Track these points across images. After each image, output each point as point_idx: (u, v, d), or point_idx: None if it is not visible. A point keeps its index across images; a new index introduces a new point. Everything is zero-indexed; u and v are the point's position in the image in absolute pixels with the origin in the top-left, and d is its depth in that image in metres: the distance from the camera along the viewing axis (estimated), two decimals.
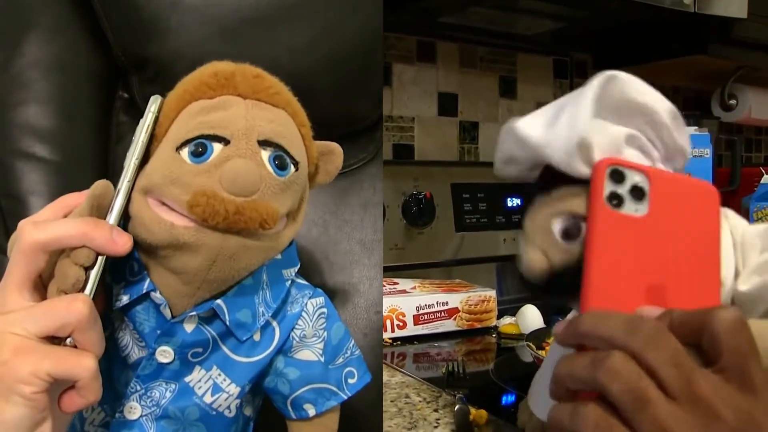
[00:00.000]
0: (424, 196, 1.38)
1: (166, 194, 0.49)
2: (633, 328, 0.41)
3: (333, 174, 0.61)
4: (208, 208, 0.47)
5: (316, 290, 0.61)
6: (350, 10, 0.74)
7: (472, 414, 0.77)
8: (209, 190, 0.48)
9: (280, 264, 0.58)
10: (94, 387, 0.48)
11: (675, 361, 0.40)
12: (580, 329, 0.43)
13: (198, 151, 0.50)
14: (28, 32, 0.75)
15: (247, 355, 0.56)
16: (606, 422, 0.40)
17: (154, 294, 0.52)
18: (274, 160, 0.52)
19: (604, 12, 1.31)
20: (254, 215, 0.48)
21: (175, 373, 0.55)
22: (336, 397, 0.60)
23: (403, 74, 1.51)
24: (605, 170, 0.45)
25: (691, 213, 0.48)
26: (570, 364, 0.43)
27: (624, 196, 0.46)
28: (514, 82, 1.67)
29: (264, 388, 0.59)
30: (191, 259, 0.50)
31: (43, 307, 0.47)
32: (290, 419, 0.60)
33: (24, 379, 0.45)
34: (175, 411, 0.56)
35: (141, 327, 0.54)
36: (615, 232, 0.45)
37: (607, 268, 0.44)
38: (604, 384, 0.40)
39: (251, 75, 0.55)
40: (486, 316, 1.24)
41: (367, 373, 0.62)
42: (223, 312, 0.54)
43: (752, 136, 2.25)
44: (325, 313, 0.60)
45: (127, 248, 0.50)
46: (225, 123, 0.51)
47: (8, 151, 0.74)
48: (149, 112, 0.51)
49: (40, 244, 0.48)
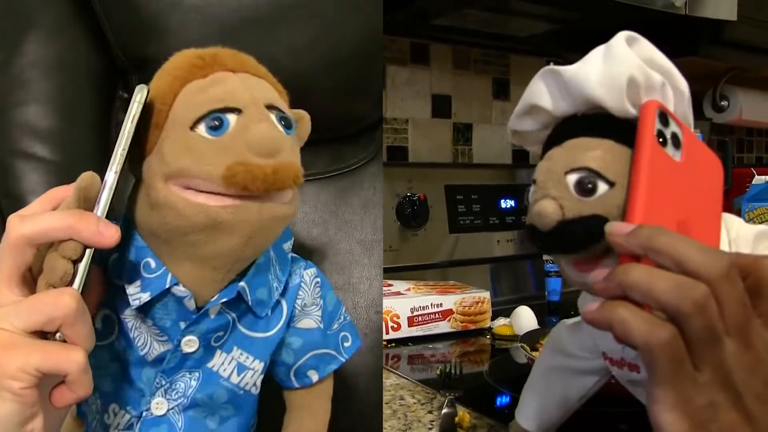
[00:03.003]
0: (418, 198, 1.38)
1: (197, 174, 0.49)
2: (712, 258, 0.40)
3: (304, 139, 0.60)
4: (248, 175, 0.47)
5: (307, 262, 0.63)
6: (350, 10, 0.74)
7: (458, 416, 0.77)
8: (241, 158, 0.48)
9: (281, 239, 0.60)
10: (83, 381, 0.47)
11: (743, 301, 0.40)
12: (655, 239, 0.41)
13: (215, 125, 0.49)
14: (28, 32, 0.75)
15: (263, 331, 0.58)
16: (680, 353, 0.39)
17: (176, 288, 0.52)
18: (281, 121, 0.53)
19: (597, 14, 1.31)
20: (288, 173, 0.49)
21: (198, 361, 0.56)
22: (336, 361, 0.63)
23: (397, 76, 1.51)
24: (656, 110, 0.45)
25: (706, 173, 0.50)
26: (650, 278, 0.40)
27: (667, 139, 0.45)
28: (507, 84, 1.68)
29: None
30: (227, 240, 0.50)
31: (30, 302, 0.47)
32: (291, 389, 0.62)
33: (12, 375, 0.44)
34: (204, 398, 0.56)
35: (161, 322, 0.54)
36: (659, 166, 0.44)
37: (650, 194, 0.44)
38: (687, 314, 0.38)
39: (231, 53, 0.56)
40: (480, 318, 1.24)
41: (359, 338, 0.65)
42: (246, 293, 0.55)
43: (743, 137, 2.26)
44: (319, 282, 0.62)
45: (115, 240, 0.49)
46: (230, 95, 0.51)
47: (8, 151, 0.74)
48: (135, 102, 0.51)
49: (26, 237, 0.47)
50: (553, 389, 0.67)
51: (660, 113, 0.45)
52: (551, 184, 0.48)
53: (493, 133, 1.67)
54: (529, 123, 0.54)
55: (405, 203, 1.37)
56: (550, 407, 0.67)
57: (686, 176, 0.47)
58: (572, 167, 0.47)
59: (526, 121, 0.54)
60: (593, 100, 0.47)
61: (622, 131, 0.46)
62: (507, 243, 1.52)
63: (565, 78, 0.49)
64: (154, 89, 0.53)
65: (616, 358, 0.58)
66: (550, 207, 0.46)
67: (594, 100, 0.47)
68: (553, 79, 0.50)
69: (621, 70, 0.46)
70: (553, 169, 0.48)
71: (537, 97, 0.51)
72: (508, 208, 1.53)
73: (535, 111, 0.52)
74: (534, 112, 0.53)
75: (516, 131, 0.56)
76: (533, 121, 0.53)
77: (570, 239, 0.46)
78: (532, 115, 0.53)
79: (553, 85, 0.51)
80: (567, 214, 0.46)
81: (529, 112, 0.53)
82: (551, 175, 0.48)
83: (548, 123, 0.52)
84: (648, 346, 0.39)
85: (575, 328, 0.65)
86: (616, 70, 0.47)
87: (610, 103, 0.47)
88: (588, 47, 0.51)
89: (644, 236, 0.41)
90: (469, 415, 0.78)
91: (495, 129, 1.67)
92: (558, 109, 0.51)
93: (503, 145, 1.68)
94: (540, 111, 0.52)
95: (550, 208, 0.46)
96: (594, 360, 0.62)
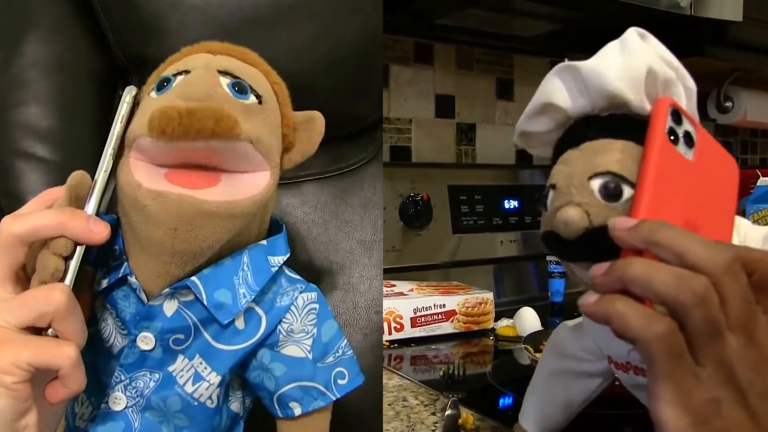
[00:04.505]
0: (422, 198, 1.38)
1: (136, 132, 0.50)
2: (714, 252, 0.39)
3: (316, 142, 0.59)
4: (163, 118, 0.46)
5: (309, 285, 0.59)
6: (350, 10, 0.74)
7: (462, 418, 0.77)
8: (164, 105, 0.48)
9: (265, 249, 0.57)
10: (76, 376, 0.48)
11: (746, 296, 0.39)
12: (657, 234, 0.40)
13: (162, 85, 0.51)
14: (28, 32, 0.75)
15: (229, 343, 0.55)
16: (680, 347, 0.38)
17: (130, 278, 0.53)
18: (234, 86, 0.52)
19: (601, 13, 1.31)
20: (208, 113, 0.47)
21: (159, 362, 0.55)
22: (323, 398, 0.58)
23: (400, 76, 1.51)
24: (668, 107, 0.44)
25: (720, 173, 0.49)
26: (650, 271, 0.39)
27: (679, 137, 0.45)
28: (510, 84, 1.67)
29: (251, 384, 0.58)
30: (154, 228, 0.49)
31: (22, 298, 0.48)
32: (279, 418, 0.59)
33: (4, 369, 0.45)
34: (158, 401, 0.55)
35: (123, 314, 0.54)
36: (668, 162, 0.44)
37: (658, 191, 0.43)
38: (686, 306, 0.38)
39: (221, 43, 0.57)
40: (483, 319, 1.23)
41: (360, 375, 0.60)
42: (198, 290, 0.52)
43: (748, 138, 2.25)
44: (316, 309, 0.58)
45: (104, 237, 0.50)
46: (188, 63, 0.52)
47: (8, 151, 0.74)
48: (124, 102, 0.52)
49: (17, 236, 0.48)
50: (556, 392, 0.66)
51: (673, 111, 0.45)
52: (574, 190, 0.46)
53: (497, 134, 1.66)
54: (542, 123, 0.52)
55: (408, 203, 1.37)
56: (553, 410, 0.67)
57: (698, 176, 0.46)
58: (595, 172, 0.46)
59: (538, 122, 0.52)
60: (614, 93, 0.46)
61: (640, 131, 0.45)
62: (510, 244, 1.52)
63: (583, 73, 0.48)
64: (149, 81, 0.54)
65: (621, 362, 0.57)
66: (577, 215, 0.45)
67: (614, 93, 0.46)
68: (570, 75, 0.49)
69: (639, 63, 0.46)
70: (574, 174, 0.46)
71: (552, 95, 0.50)
72: (511, 209, 1.53)
73: (550, 110, 0.51)
74: (548, 111, 0.51)
75: (524, 132, 0.54)
76: (546, 122, 0.52)
77: (599, 247, 0.44)
78: (546, 114, 0.51)
79: (570, 82, 0.49)
80: (594, 221, 0.45)
81: (543, 111, 0.51)
82: (573, 180, 0.46)
83: (562, 123, 0.51)
84: (645, 340, 0.38)
85: (577, 329, 0.65)
86: (635, 63, 0.46)
87: (630, 96, 0.46)
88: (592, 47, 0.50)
89: (646, 230, 0.41)
90: (473, 416, 0.77)
91: (498, 129, 1.67)
92: (575, 106, 0.49)
93: (507, 145, 1.67)
94: (555, 110, 0.50)
95: (576, 216, 0.45)
96: (596, 362, 0.62)
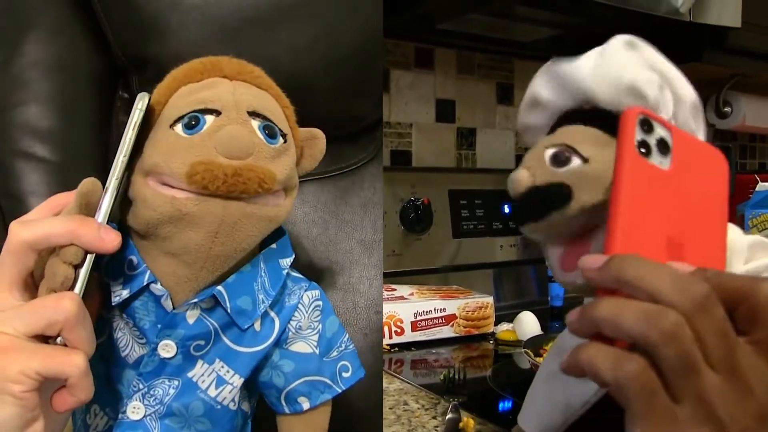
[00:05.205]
0: (422, 203, 1.38)
1: (164, 170, 0.50)
2: (685, 289, 0.38)
3: (317, 158, 0.62)
4: (207, 174, 0.48)
5: (311, 283, 0.62)
6: (350, 10, 0.74)
7: (462, 422, 0.77)
8: (205, 158, 0.48)
9: (276, 253, 0.59)
10: (84, 385, 0.47)
11: (722, 331, 0.38)
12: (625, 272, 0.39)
13: (191, 123, 0.50)
14: (28, 32, 0.75)
15: (248, 346, 0.56)
16: (652, 385, 0.37)
17: (154, 286, 0.52)
18: (264, 129, 0.53)
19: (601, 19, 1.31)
20: (252, 176, 0.49)
21: (178, 369, 0.55)
22: (330, 391, 0.60)
23: (401, 80, 1.51)
24: (636, 118, 0.44)
25: (705, 174, 0.48)
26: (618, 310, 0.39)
27: (652, 147, 0.45)
28: (511, 89, 1.67)
29: (259, 382, 0.59)
30: (194, 233, 0.50)
31: (31, 306, 0.47)
32: (282, 414, 0.60)
33: (13, 378, 0.45)
34: (180, 407, 0.55)
35: (141, 323, 0.54)
36: (642, 180, 0.43)
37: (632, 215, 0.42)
38: (656, 344, 0.37)
39: (233, 61, 0.57)
40: (483, 323, 1.24)
41: (361, 368, 0.62)
42: (224, 298, 0.54)
43: (747, 143, 2.25)
44: (320, 305, 0.61)
45: (115, 245, 0.49)
46: (214, 98, 0.52)
47: (8, 151, 0.74)
48: (136, 109, 0.51)
49: (27, 242, 0.48)
50: (555, 395, 0.66)
51: (642, 120, 0.44)
52: (529, 157, 0.51)
53: (497, 138, 1.66)
54: (535, 117, 0.57)
55: (408, 208, 1.37)
56: (552, 413, 0.66)
57: (678, 184, 0.45)
58: (551, 143, 0.51)
59: (531, 115, 0.57)
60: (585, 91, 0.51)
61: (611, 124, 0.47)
62: (510, 248, 1.52)
63: (560, 72, 0.53)
64: (156, 93, 0.54)
65: None
66: (522, 177, 0.50)
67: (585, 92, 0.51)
68: (552, 73, 0.54)
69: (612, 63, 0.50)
70: (537, 148, 0.51)
71: (538, 91, 0.55)
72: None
73: (539, 104, 0.56)
74: (537, 105, 0.56)
75: (525, 126, 0.59)
76: (538, 115, 0.57)
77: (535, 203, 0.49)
78: (536, 108, 0.56)
79: (552, 79, 0.54)
80: (537, 180, 0.49)
81: (534, 105, 0.56)
82: (533, 152, 0.51)
83: (551, 117, 0.55)
84: (616, 381, 0.38)
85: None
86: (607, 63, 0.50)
87: (600, 95, 0.50)
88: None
89: (614, 269, 0.40)
90: (473, 420, 0.77)
91: (499, 134, 1.67)
92: (558, 101, 0.54)
93: (507, 149, 1.67)
94: (542, 104, 0.55)
95: (523, 176, 0.50)
96: None
